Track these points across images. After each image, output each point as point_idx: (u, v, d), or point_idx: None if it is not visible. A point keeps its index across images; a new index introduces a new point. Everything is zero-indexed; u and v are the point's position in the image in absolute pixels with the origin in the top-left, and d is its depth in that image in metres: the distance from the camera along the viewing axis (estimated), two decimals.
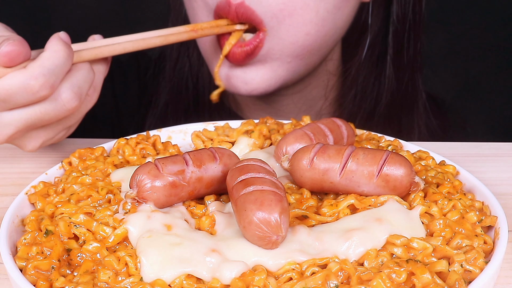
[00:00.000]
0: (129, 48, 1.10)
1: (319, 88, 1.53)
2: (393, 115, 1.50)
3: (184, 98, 1.57)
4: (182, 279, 0.70)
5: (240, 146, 1.01)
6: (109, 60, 1.12)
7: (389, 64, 1.45)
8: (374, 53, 1.46)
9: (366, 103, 1.48)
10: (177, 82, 1.56)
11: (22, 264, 0.74)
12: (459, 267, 0.72)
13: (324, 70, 1.50)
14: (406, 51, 1.45)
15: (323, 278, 0.69)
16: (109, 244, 0.76)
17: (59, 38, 0.98)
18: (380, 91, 1.47)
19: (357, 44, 1.46)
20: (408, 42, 1.45)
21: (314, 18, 1.25)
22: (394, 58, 1.45)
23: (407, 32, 1.44)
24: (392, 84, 1.46)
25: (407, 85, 1.48)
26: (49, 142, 1.05)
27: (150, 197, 0.79)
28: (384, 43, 1.45)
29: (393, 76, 1.46)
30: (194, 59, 1.54)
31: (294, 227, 0.76)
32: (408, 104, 1.51)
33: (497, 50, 2.74)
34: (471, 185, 0.91)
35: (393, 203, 0.80)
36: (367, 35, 1.44)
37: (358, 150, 0.83)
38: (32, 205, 0.89)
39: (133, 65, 1.70)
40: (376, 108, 1.48)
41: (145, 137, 1.05)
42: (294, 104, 1.54)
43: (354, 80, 1.48)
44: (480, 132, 1.89)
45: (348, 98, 1.50)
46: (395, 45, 1.45)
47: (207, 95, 1.55)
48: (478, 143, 1.20)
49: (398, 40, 1.44)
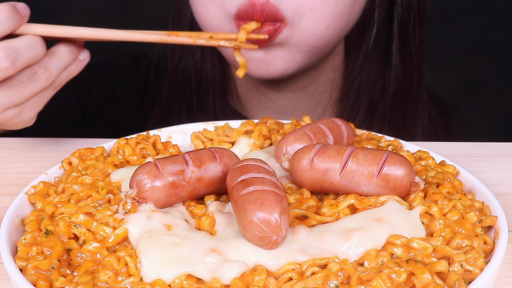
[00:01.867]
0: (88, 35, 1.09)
1: (325, 84, 1.54)
2: (399, 105, 1.51)
3: (188, 97, 1.57)
4: (182, 279, 0.70)
5: (240, 146, 1.01)
6: (79, 51, 1.11)
7: (395, 54, 1.47)
8: (379, 43, 1.48)
9: (373, 92, 1.50)
10: (180, 81, 1.57)
11: (22, 264, 0.74)
12: (459, 267, 0.72)
13: (330, 65, 1.52)
14: (412, 39, 1.47)
15: (323, 278, 0.69)
16: (109, 244, 0.76)
17: (10, 4, 1.01)
18: (386, 81, 1.49)
19: (363, 35, 1.48)
20: (414, 31, 1.47)
21: (333, 12, 1.29)
22: (399, 47, 1.47)
23: (412, 20, 1.46)
24: (398, 73, 1.48)
25: (413, 74, 1.50)
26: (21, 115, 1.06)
27: (150, 197, 0.79)
28: (389, 33, 1.47)
29: (399, 65, 1.47)
30: (197, 58, 1.55)
31: (294, 227, 0.76)
32: (414, 95, 1.52)
33: (497, 50, 2.74)
34: (471, 185, 0.91)
35: (393, 203, 0.80)
36: (372, 25, 1.46)
37: (358, 150, 0.83)
38: (32, 205, 0.89)
39: (133, 68, 1.70)
40: (383, 97, 1.49)
41: (145, 137, 1.05)
42: (301, 101, 1.54)
43: (359, 72, 1.50)
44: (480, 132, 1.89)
45: (353, 88, 1.51)
46: (401, 34, 1.47)
47: (211, 93, 1.55)
48: (478, 143, 1.20)
49: (404, 29, 1.46)
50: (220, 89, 1.56)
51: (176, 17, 1.55)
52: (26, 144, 1.21)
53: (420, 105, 1.53)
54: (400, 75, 1.48)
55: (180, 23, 1.54)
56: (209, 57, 1.54)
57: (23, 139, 1.22)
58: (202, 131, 1.07)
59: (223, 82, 1.57)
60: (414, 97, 1.52)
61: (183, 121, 1.24)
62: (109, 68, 1.69)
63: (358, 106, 1.50)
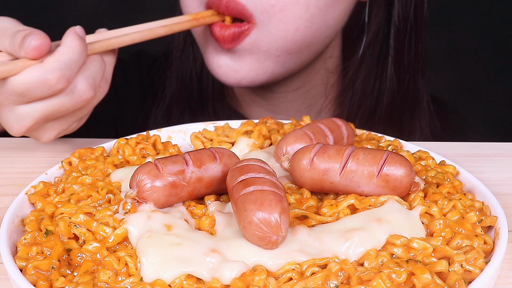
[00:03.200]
0: (136, 39, 1.14)
1: (319, 86, 1.53)
2: (394, 117, 1.51)
3: (189, 89, 1.58)
4: (182, 279, 0.70)
5: (239, 147, 1.01)
6: (116, 52, 1.15)
7: (390, 65, 1.46)
8: (375, 53, 1.47)
9: (367, 102, 1.49)
10: (182, 73, 1.58)
11: (22, 264, 0.74)
12: (459, 267, 0.72)
13: (323, 68, 1.50)
14: (407, 52, 1.46)
15: (323, 278, 0.69)
16: (109, 244, 0.76)
17: (74, 33, 1.02)
18: (381, 92, 1.48)
19: (356, 43, 1.47)
20: (409, 44, 1.46)
21: (304, 14, 1.27)
22: (395, 59, 1.46)
23: (408, 33, 1.45)
24: (393, 84, 1.47)
25: (408, 86, 1.49)
26: (63, 133, 1.09)
27: (150, 197, 0.79)
28: (386, 44, 1.46)
29: (394, 76, 1.46)
30: (197, 51, 1.55)
31: (294, 227, 0.76)
32: (409, 106, 1.52)
33: (497, 50, 2.74)
34: (471, 185, 0.90)
35: (393, 203, 0.80)
36: (365, 33, 1.45)
37: (358, 150, 0.83)
38: (32, 205, 0.89)
39: (134, 64, 1.71)
40: (377, 108, 1.49)
41: (145, 137, 1.05)
42: (294, 102, 1.54)
43: (353, 80, 1.49)
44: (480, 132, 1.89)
45: (348, 97, 1.50)
46: (396, 46, 1.45)
47: (211, 86, 1.56)
48: (478, 143, 1.20)
49: (399, 41, 1.45)
50: (219, 85, 1.56)
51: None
52: (26, 144, 1.21)
53: (417, 118, 1.53)
54: (395, 87, 1.47)
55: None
56: None
57: (23, 139, 1.22)
58: (202, 131, 1.07)
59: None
60: (408, 111, 1.52)
61: (184, 119, 1.24)
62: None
63: (355, 113, 1.50)
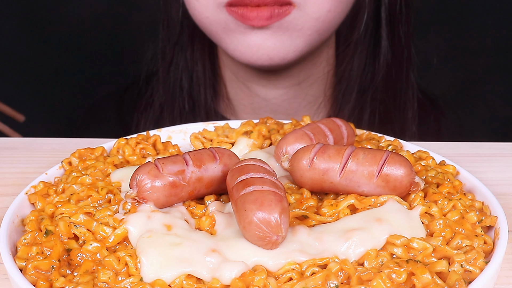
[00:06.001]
0: None
1: (319, 80, 1.54)
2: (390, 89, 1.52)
3: (179, 98, 1.58)
4: (182, 279, 0.70)
5: (239, 147, 1.01)
6: None
7: (383, 37, 1.50)
8: (369, 28, 1.51)
9: (363, 77, 1.52)
10: (172, 83, 1.57)
11: (22, 264, 0.74)
12: (459, 267, 0.72)
13: (324, 58, 1.53)
14: (400, 22, 1.50)
15: (323, 278, 0.69)
16: (109, 244, 0.76)
17: None
18: (376, 66, 1.52)
19: (353, 23, 1.50)
20: (401, 13, 1.50)
21: None
22: (388, 29, 1.50)
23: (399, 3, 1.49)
24: (387, 56, 1.51)
25: (402, 55, 1.52)
26: None
27: (150, 197, 0.79)
28: (378, 18, 1.50)
29: (388, 48, 1.50)
30: (188, 58, 1.55)
31: (294, 227, 0.76)
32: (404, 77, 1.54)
33: (497, 50, 2.73)
34: (471, 185, 0.91)
35: (393, 203, 0.80)
36: (363, 11, 1.49)
37: (358, 150, 0.83)
38: (32, 205, 0.89)
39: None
40: (373, 81, 1.51)
41: (145, 137, 1.05)
42: (293, 100, 1.54)
43: (350, 59, 1.52)
44: (480, 132, 1.89)
45: (344, 75, 1.53)
46: (388, 18, 1.49)
47: (203, 94, 1.56)
48: (478, 143, 1.20)
49: (391, 12, 1.49)
50: (211, 89, 1.57)
51: (166, 20, 1.56)
52: (26, 144, 1.21)
53: (410, 87, 1.56)
54: (389, 58, 1.51)
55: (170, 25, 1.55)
56: (199, 57, 1.55)
57: (23, 139, 1.22)
58: (202, 132, 1.07)
59: (214, 83, 1.58)
60: (403, 79, 1.55)
61: (175, 123, 1.23)
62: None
63: (350, 92, 1.52)
